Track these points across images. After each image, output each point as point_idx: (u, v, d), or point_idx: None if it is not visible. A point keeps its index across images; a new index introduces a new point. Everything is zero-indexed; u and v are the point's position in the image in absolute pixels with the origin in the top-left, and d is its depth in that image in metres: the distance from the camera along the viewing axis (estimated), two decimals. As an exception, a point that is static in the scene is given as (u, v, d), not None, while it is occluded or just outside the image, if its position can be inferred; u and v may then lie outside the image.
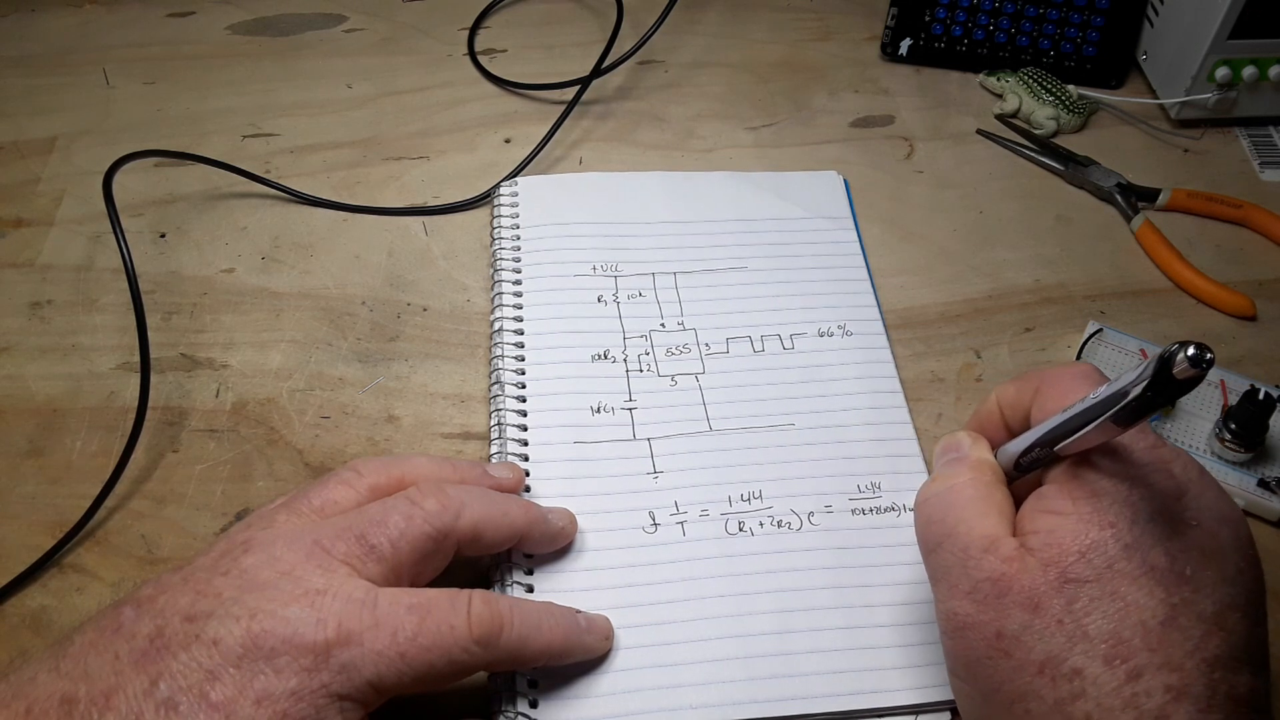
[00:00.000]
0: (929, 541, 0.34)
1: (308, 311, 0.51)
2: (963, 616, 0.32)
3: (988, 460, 0.36)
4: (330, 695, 0.31)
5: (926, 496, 0.35)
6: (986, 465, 0.35)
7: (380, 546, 0.34)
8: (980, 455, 0.36)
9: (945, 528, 0.33)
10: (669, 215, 0.55)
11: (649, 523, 0.43)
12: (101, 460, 0.45)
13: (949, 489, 0.34)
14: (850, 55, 0.67)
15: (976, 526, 0.33)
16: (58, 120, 0.60)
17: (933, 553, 0.34)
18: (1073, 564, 0.30)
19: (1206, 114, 0.62)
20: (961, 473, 0.35)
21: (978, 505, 0.33)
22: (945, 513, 0.34)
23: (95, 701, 0.30)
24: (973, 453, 0.36)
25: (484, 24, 0.68)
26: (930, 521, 0.34)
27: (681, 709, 0.38)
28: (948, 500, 0.34)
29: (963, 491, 0.34)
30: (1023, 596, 0.30)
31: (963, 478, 0.35)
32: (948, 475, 0.35)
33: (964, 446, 0.36)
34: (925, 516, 0.35)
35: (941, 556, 0.33)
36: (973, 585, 0.32)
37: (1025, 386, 0.36)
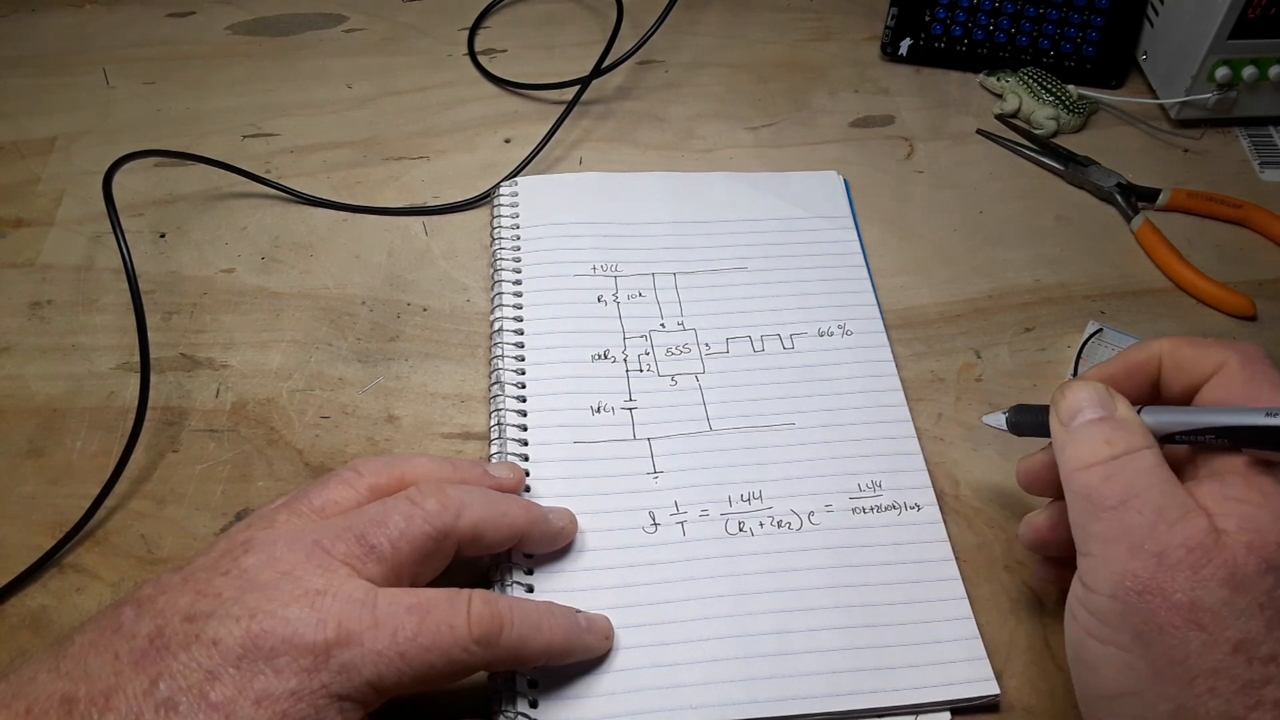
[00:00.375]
0: (1105, 498, 0.32)
1: (308, 311, 0.51)
2: (1146, 579, 0.30)
3: (1147, 429, 0.34)
4: (330, 695, 0.31)
5: (1102, 458, 0.33)
6: (1150, 434, 0.34)
7: (380, 546, 0.34)
8: (1140, 420, 0.34)
9: (1131, 488, 0.32)
10: (669, 215, 0.55)
11: (649, 523, 0.43)
12: (101, 460, 0.45)
13: (1129, 451, 0.33)
14: (850, 55, 0.67)
15: (1168, 492, 0.32)
16: (58, 120, 0.60)
17: (1111, 510, 0.32)
18: (1273, 553, 0.30)
19: (1206, 114, 0.62)
20: (1137, 438, 0.33)
21: (1164, 472, 0.32)
22: (1132, 475, 0.32)
23: (95, 701, 0.30)
24: (1130, 415, 0.34)
25: (484, 24, 0.68)
26: (1109, 479, 0.32)
27: (681, 709, 0.38)
28: (1135, 463, 0.32)
29: (1148, 457, 0.33)
30: (1225, 571, 0.30)
31: (1140, 444, 0.33)
32: (1121, 438, 0.33)
33: (1109, 405, 0.34)
34: (1102, 475, 0.33)
35: (1125, 514, 0.31)
36: (1163, 548, 0.30)
37: (1207, 355, 0.35)
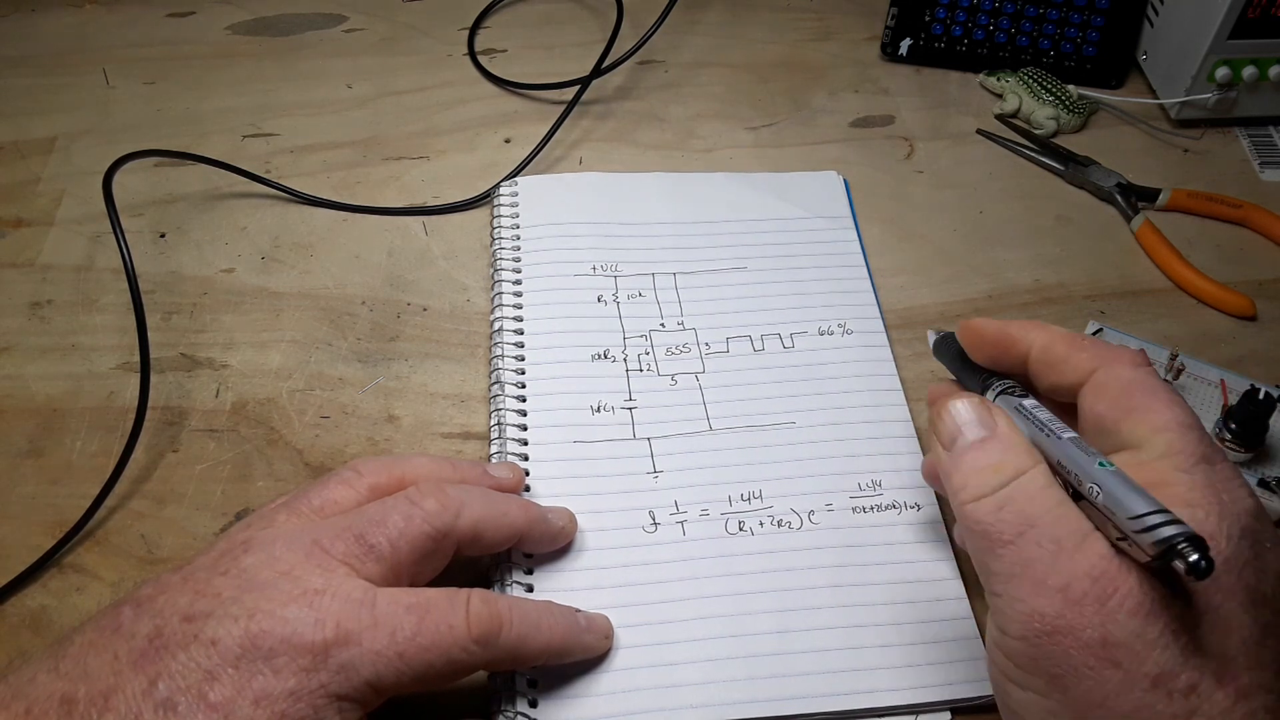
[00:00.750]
0: (1000, 534, 0.30)
1: (308, 311, 0.51)
2: (1053, 618, 0.29)
3: (1033, 446, 0.32)
4: (329, 695, 0.31)
5: (990, 488, 0.31)
6: (1036, 452, 0.32)
7: (379, 546, 0.34)
8: (1024, 439, 0.33)
9: (1025, 518, 0.30)
10: (669, 215, 0.55)
11: (649, 522, 0.43)
12: (101, 460, 0.45)
13: (1019, 474, 0.31)
14: (850, 55, 0.67)
15: (1064, 517, 0.30)
16: (58, 120, 0.60)
17: (1009, 545, 0.30)
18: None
19: (1206, 114, 0.62)
20: (1022, 459, 0.32)
21: (1055, 493, 0.31)
22: (1023, 503, 0.30)
23: (94, 702, 0.30)
24: (1014, 435, 0.33)
25: (484, 24, 0.68)
26: (1001, 512, 0.31)
27: (681, 708, 0.38)
28: (1023, 489, 0.31)
29: (1036, 479, 0.31)
30: (1132, 600, 0.28)
31: (1028, 463, 0.31)
32: (1009, 461, 0.32)
33: (989, 423, 0.33)
34: (992, 507, 0.31)
35: (1023, 549, 0.30)
36: (1066, 581, 0.29)
37: (1078, 358, 0.34)
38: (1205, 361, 0.50)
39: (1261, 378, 0.49)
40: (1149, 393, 0.32)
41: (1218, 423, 0.46)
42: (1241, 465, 0.46)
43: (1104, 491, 0.29)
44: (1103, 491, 0.29)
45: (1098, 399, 0.33)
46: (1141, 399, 0.32)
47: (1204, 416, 0.48)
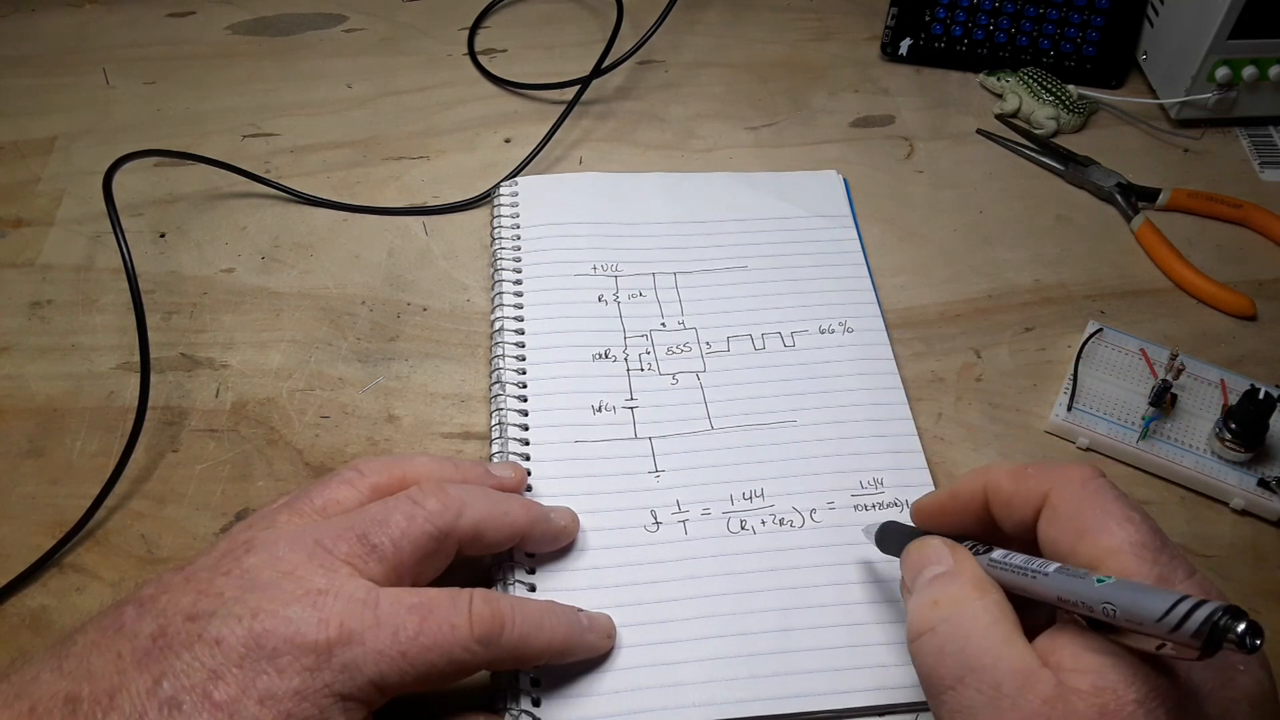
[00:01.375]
0: (941, 678, 0.29)
1: (308, 311, 0.51)
2: None
3: (985, 577, 0.31)
4: (333, 695, 0.31)
5: (929, 625, 0.30)
6: (987, 582, 0.31)
7: (382, 546, 0.34)
8: (975, 571, 0.32)
9: (964, 660, 0.29)
10: (669, 215, 0.55)
11: (651, 521, 0.43)
12: (101, 460, 0.45)
13: (958, 614, 0.30)
14: (850, 55, 0.67)
15: (1004, 657, 0.28)
16: (58, 120, 0.60)
17: (948, 690, 0.29)
18: (1132, 713, 0.26)
19: (1206, 114, 0.62)
20: (965, 592, 0.31)
21: (998, 631, 0.29)
22: (961, 643, 0.29)
23: (99, 701, 0.30)
24: (965, 567, 0.32)
25: (484, 24, 0.68)
26: (941, 654, 0.30)
27: (684, 707, 0.38)
28: (961, 627, 0.30)
29: (977, 616, 0.30)
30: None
31: (970, 599, 0.30)
32: (947, 597, 0.31)
33: (946, 559, 0.32)
34: (932, 649, 0.30)
35: (963, 695, 0.29)
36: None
37: (1026, 486, 0.33)
38: (1205, 361, 0.50)
39: (1261, 378, 0.49)
40: (1100, 511, 0.31)
41: (1217, 423, 0.46)
42: (1241, 465, 0.46)
43: (1119, 607, 0.27)
44: (1118, 607, 0.27)
45: (1049, 525, 0.32)
46: (1093, 519, 0.31)
47: (1204, 416, 0.48)
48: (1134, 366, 0.50)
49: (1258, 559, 0.44)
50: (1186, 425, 0.48)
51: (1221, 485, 0.46)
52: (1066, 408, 0.48)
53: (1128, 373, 0.49)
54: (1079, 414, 0.48)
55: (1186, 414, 0.48)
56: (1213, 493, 0.46)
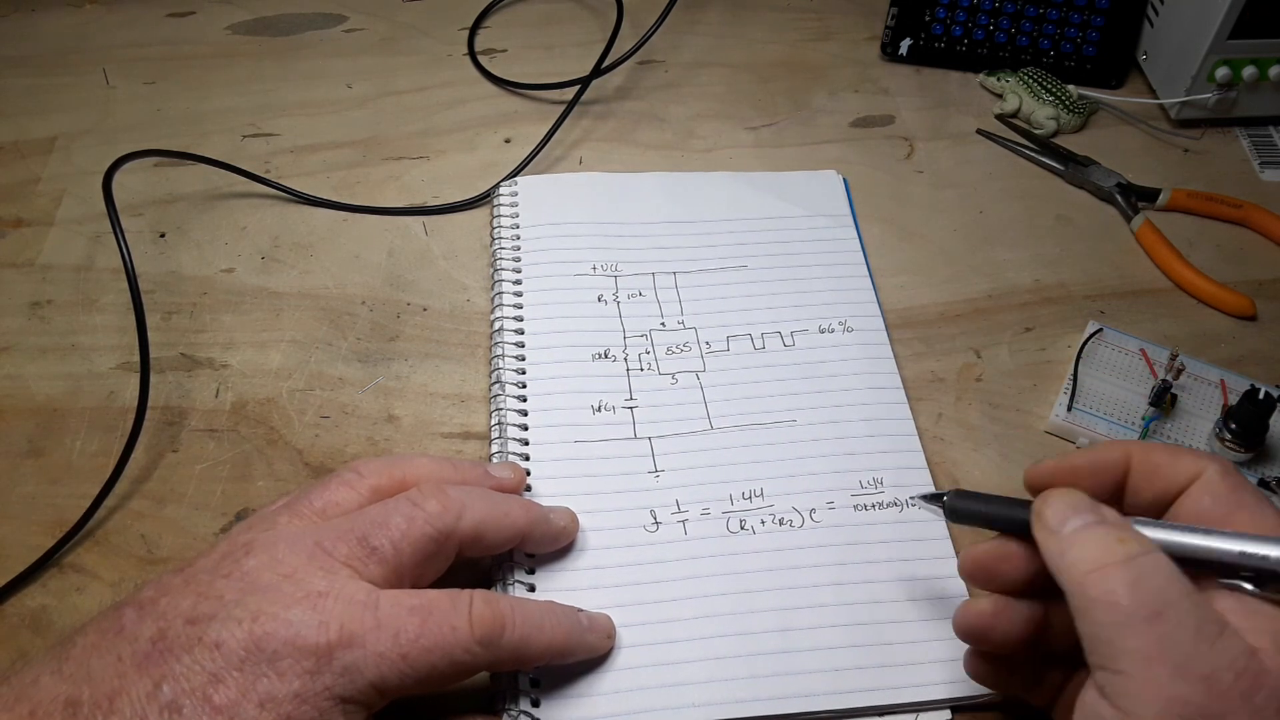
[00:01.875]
0: (1140, 607, 0.29)
1: (308, 311, 0.51)
2: (1199, 706, 0.27)
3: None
4: (333, 697, 0.31)
5: (1126, 555, 0.30)
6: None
7: (382, 548, 0.34)
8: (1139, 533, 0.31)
9: (1163, 596, 0.29)
10: (669, 215, 0.55)
11: (650, 521, 0.43)
12: (101, 460, 0.45)
13: (1153, 554, 0.30)
14: (850, 55, 0.67)
15: (1198, 604, 0.29)
16: (58, 120, 0.60)
17: (1146, 622, 0.29)
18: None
19: (1206, 114, 0.62)
20: (1144, 540, 0.30)
21: (1186, 582, 0.29)
22: (1160, 581, 0.29)
23: (99, 704, 0.30)
24: (1125, 519, 0.32)
25: (484, 24, 0.68)
26: (1139, 584, 0.29)
27: (684, 707, 0.38)
28: (1157, 565, 0.29)
29: (1163, 561, 0.30)
30: (1277, 701, 0.27)
31: (1149, 544, 0.30)
32: (1134, 538, 0.30)
33: (1100, 513, 0.32)
34: (1130, 578, 0.29)
35: (1163, 627, 0.28)
36: (1211, 670, 0.27)
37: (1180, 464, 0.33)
38: (1205, 361, 0.50)
39: (1261, 378, 0.49)
40: (1256, 495, 0.32)
41: (1217, 423, 0.46)
42: (1241, 465, 0.46)
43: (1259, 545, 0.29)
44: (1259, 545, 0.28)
45: (1203, 495, 0.32)
46: (1250, 498, 0.32)
47: (1204, 417, 0.48)
48: (1134, 366, 0.50)
49: (1257, 559, 0.44)
50: (1186, 425, 0.48)
51: (1221, 485, 0.46)
52: (1066, 408, 0.48)
53: (1128, 373, 0.49)
54: (1079, 414, 0.48)
55: (1186, 414, 0.48)
56: (1212, 493, 0.46)
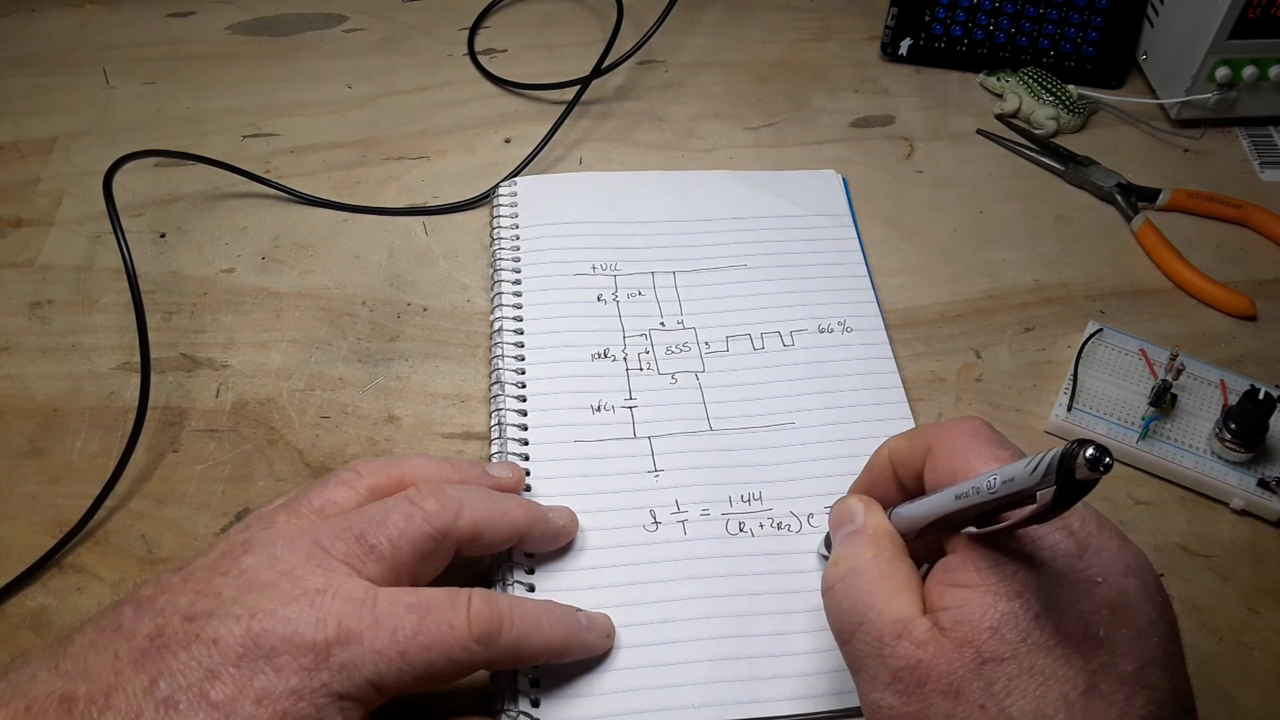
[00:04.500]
0: (841, 632, 0.32)
1: (308, 311, 0.51)
2: (887, 709, 0.30)
3: (886, 529, 0.34)
4: (330, 694, 0.31)
5: (832, 583, 0.33)
6: (885, 536, 0.33)
7: (380, 546, 0.34)
8: (877, 524, 0.34)
9: (855, 616, 0.31)
10: (668, 214, 0.55)
11: (650, 521, 0.43)
12: (101, 460, 0.45)
13: (852, 571, 0.32)
14: (850, 55, 0.67)
15: (886, 610, 0.31)
16: (58, 120, 0.60)
17: (847, 643, 0.32)
18: (986, 641, 0.28)
19: (1206, 114, 0.62)
20: (863, 550, 0.33)
21: (884, 585, 0.31)
22: (853, 599, 0.32)
23: (95, 700, 0.30)
24: (869, 522, 0.34)
25: (484, 24, 0.68)
26: (840, 610, 0.32)
27: (683, 708, 0.38)
28: (853, 584, 0.32)
29: (867, 573, 0.32)
30: (942, 684, 0.29)
31: (865, 556, 0.33)
32: (849, 554, 0.33)
33: (858, 516, 0.34)
34: (834, 605, 0.33)
35: (856, 647, 0.31)
36: (892, 675, 0.30)
37: (916, 443, 0.34)
38: (1205, 361, 0.50)
39: (1261, 378, 0.49)
40: (972, 454, 0.32)
41: (1217, 423, 0.46)
42: (1241, 465, 0.46)
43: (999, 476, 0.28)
44: (998, 476, 0.28)
45: (931, 471, 0.33)
46: (964, 461, 0.32)
47: (1204, 417, 0.48)
48: (1134, 366, 0.50)
49: (1258, 559, 0.44)
50: (1186, 425, 0.48)
51: (1221, 485, 0.46)
52: (1066, 408, 0.48)
53: (1128, 373, 0.49)
54: (1079, 414, 0.48)
55: (1186, 414, 0.48)
56: (1213, 493, 0.46)
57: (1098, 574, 0.29)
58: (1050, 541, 0.30)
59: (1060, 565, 0.29)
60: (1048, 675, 0.28)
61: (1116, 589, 0.29)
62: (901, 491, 0.36)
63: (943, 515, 0.31)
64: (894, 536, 0.33)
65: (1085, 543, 0.30)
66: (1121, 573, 0.30)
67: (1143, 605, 0.29)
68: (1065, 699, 0.27)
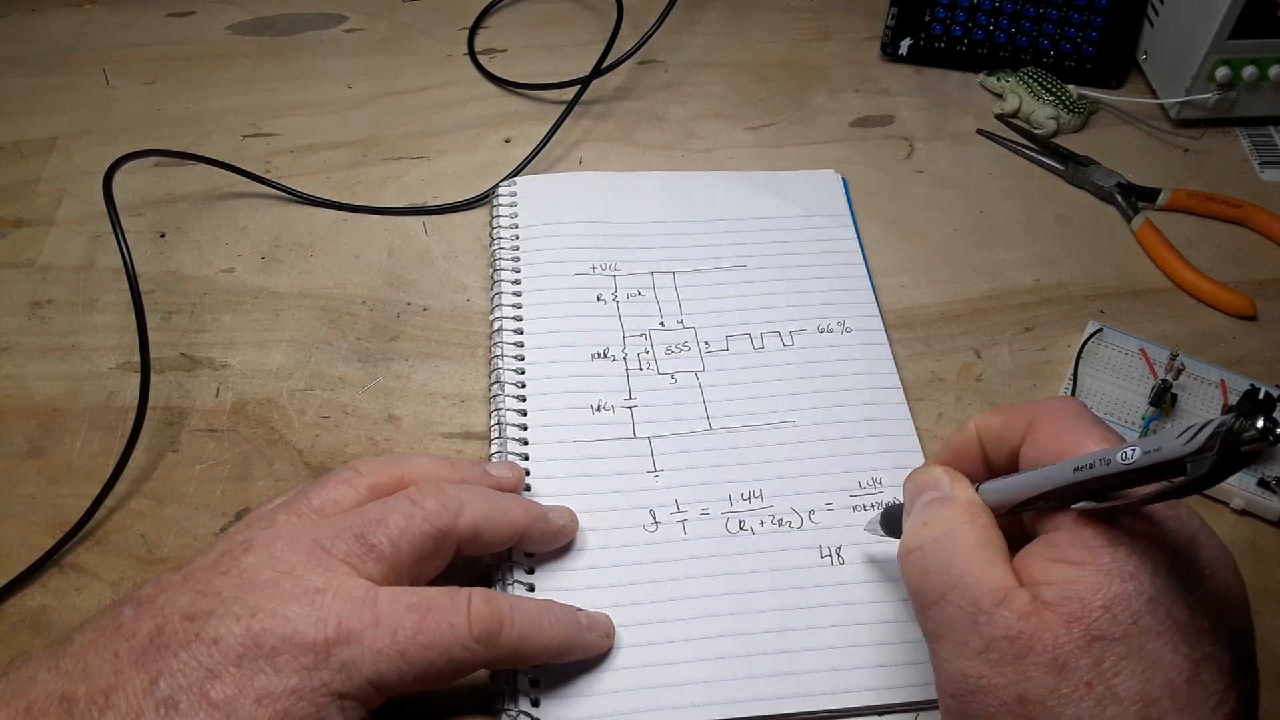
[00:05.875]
0: (928, 594, 0.31)
1: (308, 311, 0.51)
2: (975, 678, 0.29)
3: (977, 500, 0.33)
4: (331, 694, 0.31)
5: (919, 544, 0.32)
6: (979, 506, 0.33)
7: (380, 546, 0.34)
8: (969, 495, 0.33)
9: (948, 578, 0.31)
10: (668, 214, 0.55)
11: (650, 521, 0.43)
12: (101, 460, 0.45)
13: (946, 534, 0.32)
14: (850, 55, 0.67)
15: (985, 577, 0.30)
16: (58, 120, 0.60)
17: (933, 607, 0.31)
18: (1097, 619, 0.28)
19: (1206, 114, 0.62)
20: (956, 515, 0.32)
21: (981, 552, 0.31)
22: (946, 562, 0.31)
23: (95, 700, 0.30)
24: (958, 492, 0.33)
25: (484, 24, 0.68)
26: (927, 572, 0.31)
27: (683, 707, 0.38)
28: (947, 547, 0.31)
29: (963, 537, 0.31)
30: (1046, 656, 0.28)
31: (959, 521, 0.32)
32: (938, 519, 0.32)
33: (944, 485, 0.34)
34: (919, 566, 0.32)
35: (946, 611, 0.30)
36: (986, 643, 0.29)
37: (1013, 421, 0.34)
38: (1205, 361, 0.50)
39: (1261, 378, 0.49)
40: (1080, 434, 0.32)
41: (1218, 422, 0.46)
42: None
43: (1140, 446, 0.28)
44: (1139, 447, 0.28)
45: (1032, 448, 0.33)
46: (1072, 440, 0.32)
47: (1204, 417, 0.48)
48: (1134, 366, 0.50)
49: (1258, 559, 0.44)
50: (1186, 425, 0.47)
51: (1221, 485, 0.46)
52: (1066, 408, 0.48)
53: (1128, 373, 0.49)
54: (1079, 414, 0.48)
55: (1186, 414, 0.48)
56: (1213, 493, 0.46)
57: (1206, 567, 0.30)
58: (1168, 528, 0.30)
59: (1174, 553, 0.29)
60: (1156, 659, 0.28)
61: (1222, 584, 0.30)
62: (986, 469, 0.35)
63: (1056, 488, 0.30)
64: (985, 508, 0.33)
65: (1194, 534, 0.30)
66: (1225, 569, 0.30)
67: (1241, 605, 0.30)
68: (1170, 684, 0.28)
